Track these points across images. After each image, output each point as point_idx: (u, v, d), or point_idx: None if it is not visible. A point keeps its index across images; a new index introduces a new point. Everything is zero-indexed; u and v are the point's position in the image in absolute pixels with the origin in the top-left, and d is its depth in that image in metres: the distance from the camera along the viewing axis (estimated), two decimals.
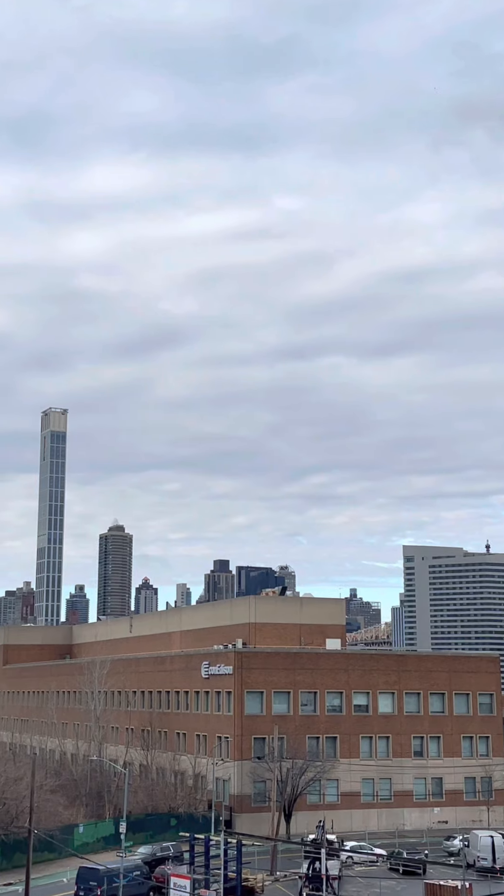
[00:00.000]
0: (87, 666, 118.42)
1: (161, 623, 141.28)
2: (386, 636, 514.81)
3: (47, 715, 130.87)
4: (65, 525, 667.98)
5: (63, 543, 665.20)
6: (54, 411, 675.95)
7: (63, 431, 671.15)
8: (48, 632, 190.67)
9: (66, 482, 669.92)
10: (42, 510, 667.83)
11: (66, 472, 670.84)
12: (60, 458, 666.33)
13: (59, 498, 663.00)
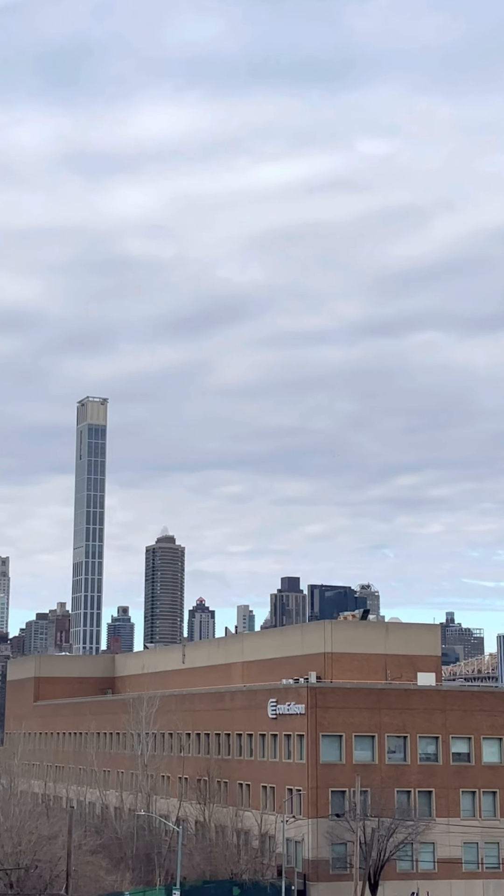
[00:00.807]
0: (132, 703, 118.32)
1: (219, 652, 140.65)
2: (490, 669, 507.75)
3: (86, 761, 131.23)
4: (105, 536, 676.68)
5: (103, 557, 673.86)
6: (92, 401, 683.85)
7: (102, 425, 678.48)
8: (86, 662, 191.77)
9: (106, 485, 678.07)
10: (78, 518, 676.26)
11: (106, 472, 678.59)
12: (100, 457, 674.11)
13: (99, 503, 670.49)
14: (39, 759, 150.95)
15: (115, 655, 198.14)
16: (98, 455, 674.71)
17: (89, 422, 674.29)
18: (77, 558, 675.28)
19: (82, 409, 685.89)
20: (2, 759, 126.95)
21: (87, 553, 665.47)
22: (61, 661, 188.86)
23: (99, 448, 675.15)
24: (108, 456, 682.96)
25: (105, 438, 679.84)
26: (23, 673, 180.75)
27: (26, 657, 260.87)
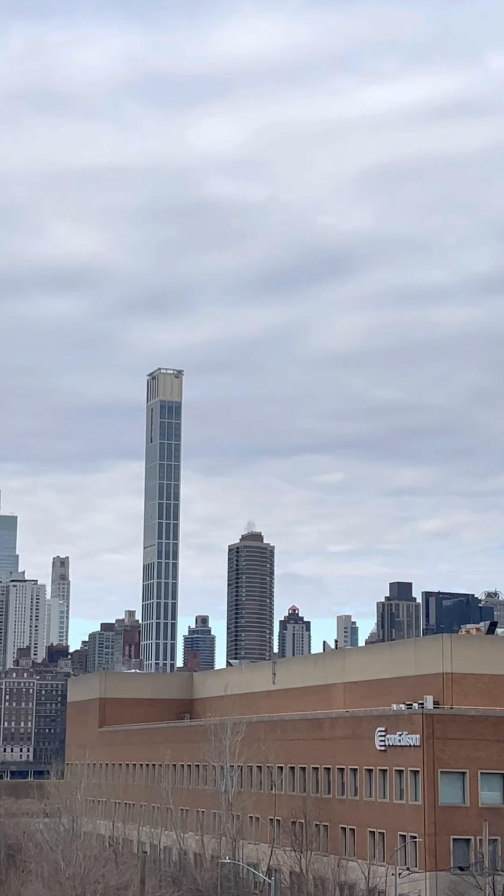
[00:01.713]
0: (213, 729, 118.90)
1: (316, 671, 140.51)
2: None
3: (160, 798, 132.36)
4: (181, 532, 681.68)
5: (178, 558, 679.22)
6: (165, 373, 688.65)
7: (177, 401, 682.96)
8: (160, 681, 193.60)
9: (181, 472, 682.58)
10: (149, 512, 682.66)
11: (181, 458, 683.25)
12: (174, 440, 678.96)
13: (173, 495, 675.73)
14: (106, 795, 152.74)
15: (194, 673, 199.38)
16: (172, 437, 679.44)
17: (161, 398, 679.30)
18: (148, 559, 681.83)
19: (153, 383, 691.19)
20: (62, 794, 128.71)
21: (160, 553, 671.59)
22: (130, 680, 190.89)
23: (173, 429, 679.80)
24: (183, 438, 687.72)
25: (180, 417, 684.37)
26: (86, 693, 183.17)
27: (90, 675, 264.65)
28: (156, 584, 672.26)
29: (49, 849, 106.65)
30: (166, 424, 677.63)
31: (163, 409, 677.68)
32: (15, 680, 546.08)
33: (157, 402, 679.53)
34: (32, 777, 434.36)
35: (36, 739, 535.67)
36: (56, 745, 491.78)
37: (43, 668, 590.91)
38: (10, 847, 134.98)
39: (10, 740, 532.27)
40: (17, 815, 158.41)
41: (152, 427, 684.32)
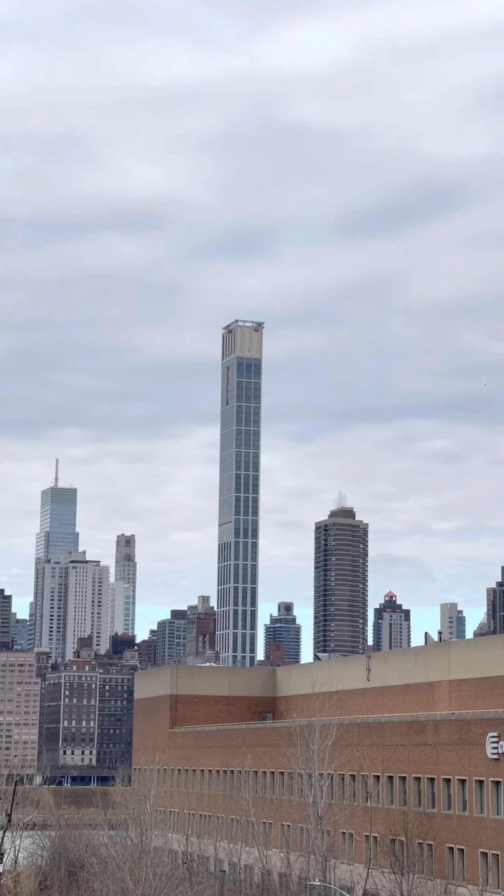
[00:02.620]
0: (299, 732, 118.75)
1: (417, 667, 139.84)
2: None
3: (239, 809, 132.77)
4: (261, 508, 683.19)
5: (259, 537, 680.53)
6: (242, 326, 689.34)
7: (257, 358, 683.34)
8: (238, 676, 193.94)
9: (262, 439, 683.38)
10: (225, 484, 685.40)
11: (261, 423, 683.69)
12: (253, 402, 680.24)
13: (252, 465, 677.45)
14: (178, 805, 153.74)
15: (276, 668, 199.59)
16: (251, 399, 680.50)
17: (238, 354, 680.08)
18: (224, 538, 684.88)
19: (229, 337, 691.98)
20: (129, 803, 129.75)
21: (238, 531, 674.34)
22: (205, 675, 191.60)
23: (252, 390, 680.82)
24: (263, 400, 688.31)
25: (260, 376, 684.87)
26: (155, 689, 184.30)
27: (159, 668, 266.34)
28: (232, 566, 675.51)
29: (115, 866, 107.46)
30: (244, 384, 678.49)
31: (240, 366, 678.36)
32: (75, 674, 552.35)
33: (234, 360, 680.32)
34: (96, 783, 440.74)
35: (99, 741, 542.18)
36: (122, 747, 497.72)
37: (106, 661, 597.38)
38: (71, 863, 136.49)
39: (71, 742, 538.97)
40: (79, 827, 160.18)
41: (228, 388, 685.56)
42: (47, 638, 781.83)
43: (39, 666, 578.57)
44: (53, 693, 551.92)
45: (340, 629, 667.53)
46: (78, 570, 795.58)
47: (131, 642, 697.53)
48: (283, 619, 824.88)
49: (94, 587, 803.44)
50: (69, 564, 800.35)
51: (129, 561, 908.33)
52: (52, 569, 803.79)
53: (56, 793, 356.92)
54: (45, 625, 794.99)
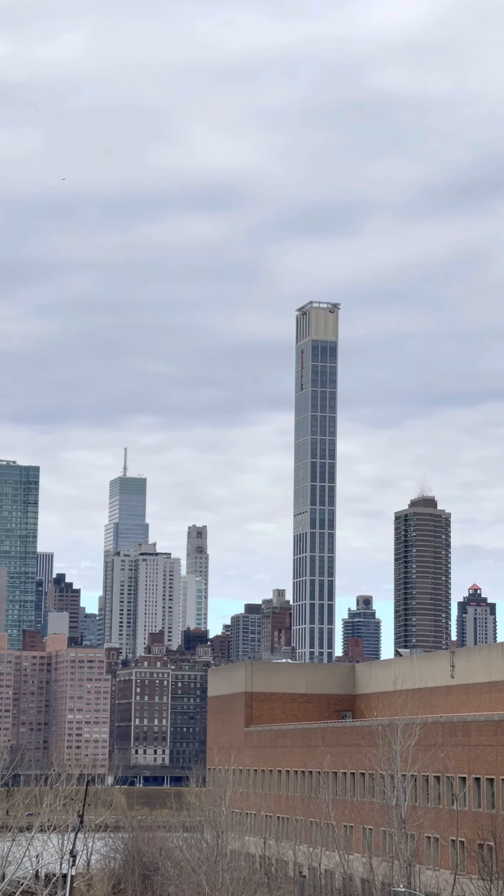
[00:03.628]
0: (380, 732, 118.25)
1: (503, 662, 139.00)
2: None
3: (319, 811, 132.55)
4: (338, 497, 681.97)
5: (336, 528, 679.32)
6: (317, 307, 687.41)
7: (332, 341, 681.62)
8: (316, 673, 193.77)
9: (338, 425, 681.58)
10: (300, 473, 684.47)
11: (338, 408, 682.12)
12: (329, 386, 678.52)
13: (328, 452, 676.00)
14: (256, 808, 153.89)
15: (356, 664, 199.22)
16: (326, 384, 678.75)
17: (313, 337, 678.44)
18: (299, 529, 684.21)
19: (303, 318, 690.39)
20: (204, 805, 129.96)
21: (314, 522, 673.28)
22: (281, 672, 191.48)
23: (327, 374, 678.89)
24: (340, 385, 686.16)
25: (336, 360, 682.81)
26: (230, 686, 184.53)
27: (233, 665, 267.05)
28: (308, 558, 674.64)
29: (190, 870, 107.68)
30: (320, 369, 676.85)
31: (315, 350, 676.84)
32: (147, 670, 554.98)
33: (309, 343, 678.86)
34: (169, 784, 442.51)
35: (172, 740, 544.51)
36: (195, 746, 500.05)
37: (179, 657, 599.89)
38: (145, 867, 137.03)
39: (143, 741, 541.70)
40: (153, 829, 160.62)
41: (303, 372, 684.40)
42: (117, 633, 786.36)
43: (110, 662, 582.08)
44: (124, 690, 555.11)
45: (422, 624, 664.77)
46: (148, 562, 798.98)
47: (204, 638, 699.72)
48: (363, 614, 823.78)
49: (165, 580, 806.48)
50: (139, 557, 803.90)
51: (201, 553, 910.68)
52: (122, 562, 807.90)
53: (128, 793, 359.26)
54: (114, 619, 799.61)
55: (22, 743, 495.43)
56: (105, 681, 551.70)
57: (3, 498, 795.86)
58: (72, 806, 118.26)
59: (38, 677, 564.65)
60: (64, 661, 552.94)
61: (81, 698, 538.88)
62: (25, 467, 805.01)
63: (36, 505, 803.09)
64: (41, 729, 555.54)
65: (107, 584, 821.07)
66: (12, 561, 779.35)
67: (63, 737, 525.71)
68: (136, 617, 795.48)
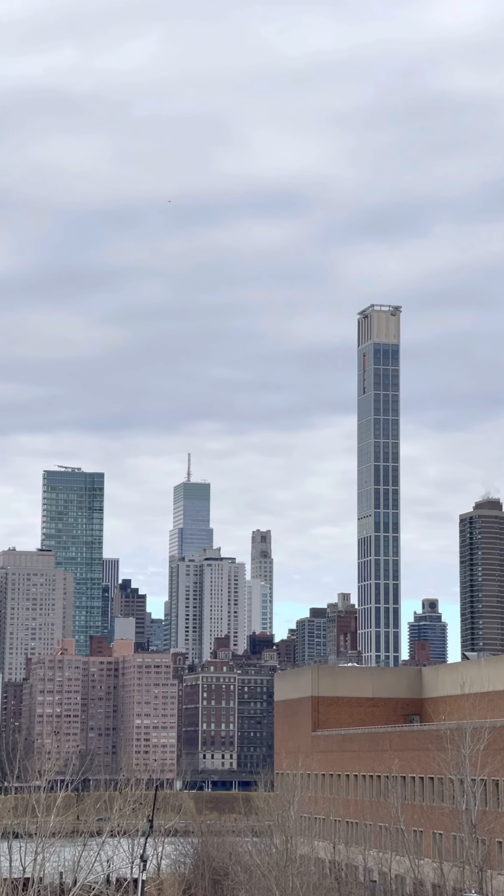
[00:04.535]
0: (449, 736, 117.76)
1: None
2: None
3: (388, 816, 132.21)
4: (402, 500, 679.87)
5: (401, 531, 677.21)
6: (379, 310, 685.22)
7: (394, 344, 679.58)
8: (382, 677, 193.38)
9: (401, 428, 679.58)
10: (363, 476, 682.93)
11: (401, 411, 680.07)
12: (391, 390, 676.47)
13: (392, 455, 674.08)
14: (324, 812, 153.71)
15: (422, 668, 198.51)
16: (389, 387, 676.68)
17: (375, 340, 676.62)
18: (364, 532, 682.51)
19: (365, 322, 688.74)
20: (273, 809, 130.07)
21: (378, 525, 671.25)
22: (348, 676, 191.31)
23: (390, 377, 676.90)
24: (402, 388, 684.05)
25: (398, 363, 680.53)
26: (296, 691, 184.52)
27: (299, 669, 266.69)
28: (373, 561, 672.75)
29: (260, 874, 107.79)
30: (382, 373, 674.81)
31: (377, 353, 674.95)
32: (213, 675, 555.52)
33: (370, 346, 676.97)
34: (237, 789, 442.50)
35: (240, 744, 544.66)
36: (263, 750, 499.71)
37: (245, 661, 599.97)
38: (215, 871, 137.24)
39: (211, 745, 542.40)
40: (222, 834, 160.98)
41: (365, 375, 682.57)
42: (183, 638, 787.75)
43: (176, 667, 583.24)
44: (191, 695, 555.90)
45: (489, 627, 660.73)
46: (213, 567, 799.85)
47: (270, 642, 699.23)
48: (428, 617, 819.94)
49: (230, 585, 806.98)
50: (204, 562, 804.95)
51: (266, 558, 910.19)
52: (187, 567, 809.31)
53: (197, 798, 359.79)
54: (180, 625, 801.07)
55: (91, 748, 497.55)
56: (172, 686, 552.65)
57: (68, 505, 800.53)
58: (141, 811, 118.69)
59: (106, 682, 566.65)
60: (131, 666, 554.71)
61: (149, 703, 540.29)
62: (90, 474, 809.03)
63: (101, 511, 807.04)
64: (109, 734, 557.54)
65: (172, 589, 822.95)
66: (79, 567, 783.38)
67: (131, 742, 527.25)
68: (201, 622, 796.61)
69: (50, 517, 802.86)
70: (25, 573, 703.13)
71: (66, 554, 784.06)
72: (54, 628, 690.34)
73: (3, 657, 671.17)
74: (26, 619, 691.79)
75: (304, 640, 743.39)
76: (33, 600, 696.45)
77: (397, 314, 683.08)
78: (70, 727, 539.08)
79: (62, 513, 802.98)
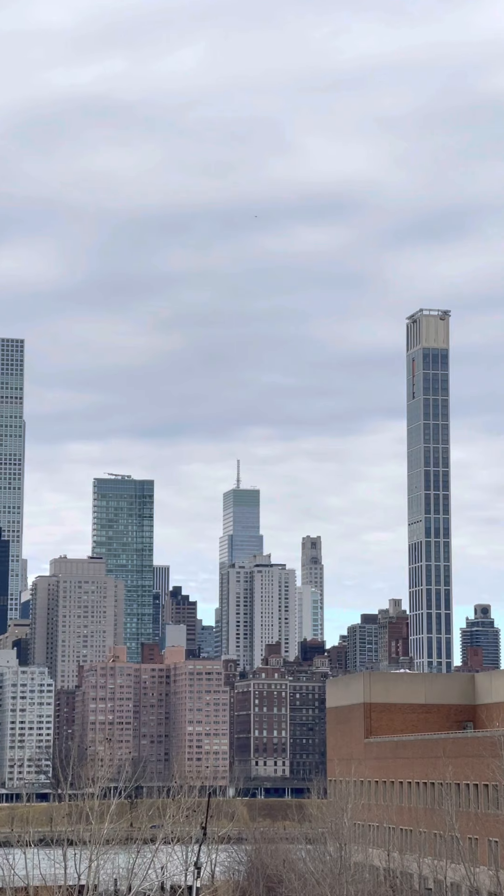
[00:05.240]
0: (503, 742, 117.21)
1: None
2: None
3: (442, 823, 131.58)
4: (453, 506, 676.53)
5: (452, 536, 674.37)
6: (428, 315, 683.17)
7: (443, 349, 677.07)
8: (435, 683, 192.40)
9: (451, 433, 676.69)
10: (413, 482, 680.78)
11: (450, 416, 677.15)
12: (440, 394, 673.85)
13: (442, 461, 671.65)
14: (378, 820, 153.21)
15: (476, 674, 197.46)
16: (438, 392, 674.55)
17: (424, 345, 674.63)
18: (415, 537, 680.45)
19: (413, 327, 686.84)
20: (326, 816, 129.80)
21: (428, 530, 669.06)
22: (400, 682, 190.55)
23: (439, 382, 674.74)
24: (452, 393, 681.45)
25: (447, 367, 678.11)
26: (348, 697, 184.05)
27: (351, 676, 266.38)
28: (424, 567, 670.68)
29: (314, 882, 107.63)
30: (431, 378, 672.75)
31: (426, 358, 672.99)
32: (265, 681, 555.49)
33: (419, 350, 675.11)
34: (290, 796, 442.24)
35: (292, 751, 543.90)
36: (315, 757, 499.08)
37: (296, 668, 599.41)
38: (269, 878, 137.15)
39: (263, 752, 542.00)
40: (276, 841, 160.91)
41: (414, 380, 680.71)
42: (234, 645, 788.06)
43: (227, 674, 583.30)
44: (243, 702, 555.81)
45: None
46: (263, 574, 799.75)
47: (321, 648, 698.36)
48: (481, 623, 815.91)
49: (281, 592, 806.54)
50: (254, 569, 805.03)
51: (316, 564, 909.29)
52: (237, 573, 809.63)
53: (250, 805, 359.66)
54: (231, 631, 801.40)
55: (143, 755, 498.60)
56: (223, 693, 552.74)
57: (119, 512, 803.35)
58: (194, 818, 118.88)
59: (158, 690, 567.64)
60: (182, 673, 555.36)
61: (201, 710, 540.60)
62: (140, 481, 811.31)
63: (151, 518, 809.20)
64: (162, 741, 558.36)
65: (223, 596, 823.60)
66: (129, 574, 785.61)
67: (184, 749, 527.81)
68: (252, 628, 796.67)
69: (100, 525, 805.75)
70: (77, 581, 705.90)
71: (116, 561, 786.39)
72: (106, 636, 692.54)
73: (56, 665, 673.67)
74: (78, 627, 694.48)
75: (356, 646, 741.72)
76: (85, 608, 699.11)
77: (446, 318, 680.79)
78: (122, 734, 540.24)
79: (112, 520, 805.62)
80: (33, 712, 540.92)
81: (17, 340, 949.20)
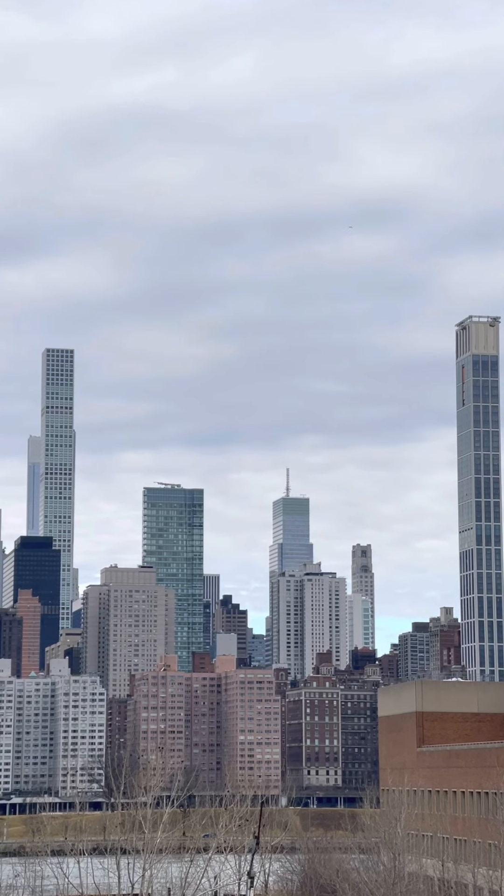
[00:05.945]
0: None
1: None
2: None
3: (497, 833, 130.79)
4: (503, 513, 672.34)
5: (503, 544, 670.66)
6: (477, 322, 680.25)
7: (493, 355, 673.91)
8: (488, 691, 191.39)
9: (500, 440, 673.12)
10: (464, 489, 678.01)
11: (500, 424, 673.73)
12: (491, 401, 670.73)
13: (493, 468, 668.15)
14: (431, 829, 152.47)
15: None
16: (488, 399, 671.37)
17: (474, 352, 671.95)
18: (466, 545, 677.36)
19: (463, 333, 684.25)
20: (380, 826, 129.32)
21: (481, 538, 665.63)
22: (452, 691, 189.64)
23: (489, 389, 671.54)
24: (502, 400, 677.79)
25: (498, 374, 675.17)
26: (400, 706, 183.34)
27: (403, 684, 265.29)
28: (475, 575, 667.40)
29: (368, 892, 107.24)
30: (481, 384, 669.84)
31: (476, 365, 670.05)
32: (316, 690, 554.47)
33: (469, 357, 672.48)
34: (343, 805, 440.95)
35: (344, 760, 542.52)
36: (367, 766, 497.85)
37: (347, 677, 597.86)
38: (322, 888, 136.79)
39: (315, 761, 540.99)
40: (329, 850, 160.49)
41: (464, 387, 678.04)
42: (285, 654, 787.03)
43: (278, 683, 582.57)
44: (294, 711, 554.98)
45: None
46: (313, 582, 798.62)
47: (372, 657, 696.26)
48: None
49: (331, 600, 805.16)
50: (304, 577, 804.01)
51: (367, 572, 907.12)
52: (287, 582, 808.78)
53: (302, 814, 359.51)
54: (282, 640, 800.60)
55: (195, 764, 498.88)
56: (275, 702, 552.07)
57: (168, 521, 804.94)
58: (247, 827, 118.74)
59: (209, 699, 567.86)
60: (233, 682, 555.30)
61: (252, 719, 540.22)
62: (190, 490, 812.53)
63: (201, 527, 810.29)
64: (213, 750, 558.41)
65: (273, 604, 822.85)
66: (180, 583, 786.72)
67: (235, 758, 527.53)
68: (303, 637, 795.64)
69: (150, 534, 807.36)
70: (127, 590, 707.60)
71: (167, 570, 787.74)
72: (157, 644, 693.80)
73: (108, 674, 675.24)
74: (129, 636, 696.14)
75: (407, 654, 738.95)
76: (135, 617, 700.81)
77: (496, 325, 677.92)
78: (174, 743, 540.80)
79: (162, 529, 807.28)
80: (85, 721, 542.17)
81: (67, 350, 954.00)
